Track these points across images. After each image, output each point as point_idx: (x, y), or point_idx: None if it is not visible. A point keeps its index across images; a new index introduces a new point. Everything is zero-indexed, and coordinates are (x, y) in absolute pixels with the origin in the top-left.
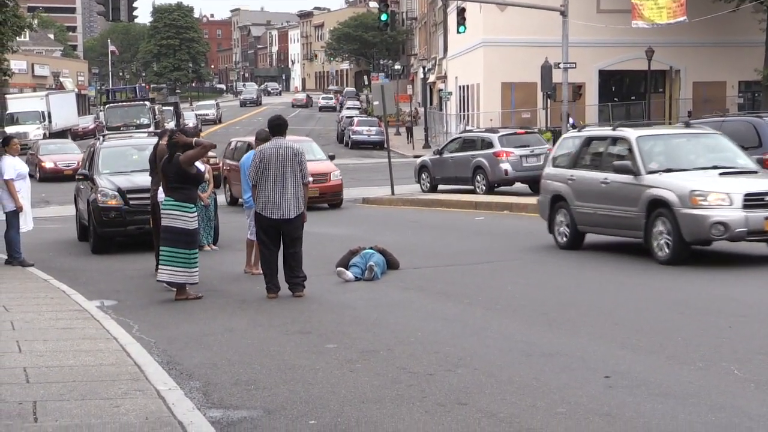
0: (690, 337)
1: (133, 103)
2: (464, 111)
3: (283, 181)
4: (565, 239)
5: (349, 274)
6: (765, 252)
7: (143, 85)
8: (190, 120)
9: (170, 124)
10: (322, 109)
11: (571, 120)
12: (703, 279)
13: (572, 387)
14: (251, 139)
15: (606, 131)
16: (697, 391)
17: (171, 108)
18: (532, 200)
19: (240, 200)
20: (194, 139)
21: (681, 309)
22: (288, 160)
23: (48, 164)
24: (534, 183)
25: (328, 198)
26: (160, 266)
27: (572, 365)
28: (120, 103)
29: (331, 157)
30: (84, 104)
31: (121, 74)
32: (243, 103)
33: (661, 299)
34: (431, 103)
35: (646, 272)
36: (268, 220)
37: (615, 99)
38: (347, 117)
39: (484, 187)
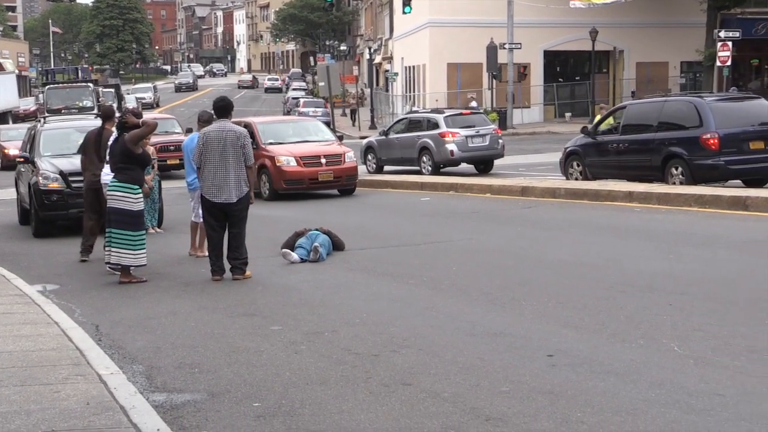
0: (632, 315)
1: (75, 84)
2: (410, 92)
3: (225, 165)
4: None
5: (295, 256)
6: (709, 227)
7: (86, 66)
8: (131, 103)
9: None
10: (267, 90)
11: (474, 103)
12: (643, 256)
13: (516, 366)
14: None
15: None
16: (638, 368)
17: (112, 90)
18: (478, 181)
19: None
20: (141, 119)
21: (623, 287)
22: (230, 143)
23: (12, 151)
24: (480, 163)
25: (344, 182)
26: (105, 248)
27: (516, 344)
28: (61, 85)
29: (340, 138)
30: (25, 86)
31: (63, 55)
32: (178, 88)
33: (604, 278)
34: (377, 84)
35: (598, 246)
36: (211, 203)
37: (560, 79)
38: (293, 98)
39: (430, 168)
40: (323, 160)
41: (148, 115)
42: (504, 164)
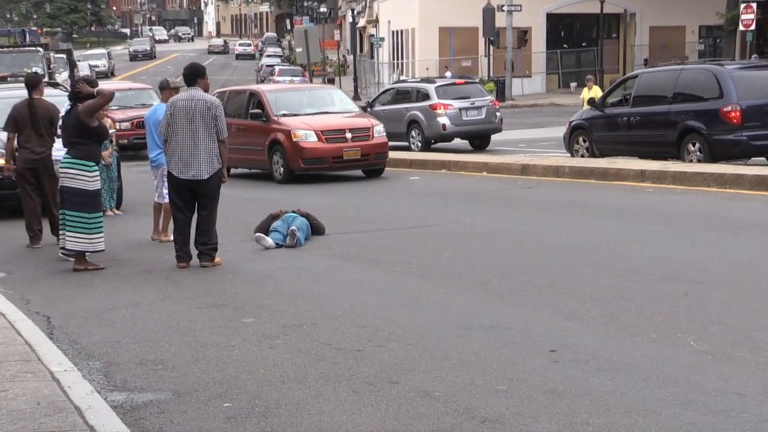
0: (643, 306)
1: (22, 49)
2: (398, 59)
3: (194, 138)
4: None
5: (269, 241)
6: (726, 209)
7: (34, 28)
8: (84, 71)
9: (62, 75)
10: (239, 56)
11: (449, 73)
12: (656, 241)
13: (514, 362)
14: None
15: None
16: (650, 365)
17: (63, 56)
18: (473, 158)
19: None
20: (96, 88)
21: (633, 276)
22: (200, 114)
23: None
24: (475, 139)
25: (372, 161)
26: (59, 232)
27: (514, 339)
28: (7, 49)
29: (364, 108)
30: None
31: (8, 16)
32: (133, 56)
33: (612, 265)
34: (361, 51)
35: (606, 230)
36: (179, 180)
37: (564, 45)
38: (267, 65)
39: (419, 144)
40: (348, 135)
41: (105, 85)
42: (502, 140)
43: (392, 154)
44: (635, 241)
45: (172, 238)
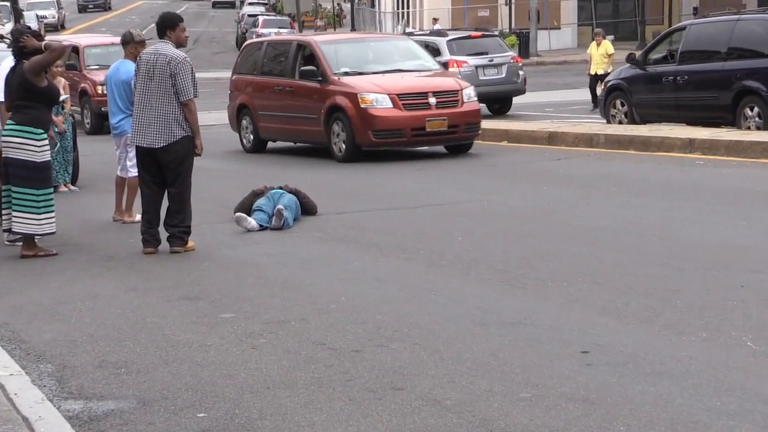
0: (691, 300)
1: None
2: (403, 8)
3: (150, 100)
4: None
5: (252, 222)
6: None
7: None
8: (32, 22)
9: (6, 27)
10: (216, 4)
11: (437, 26)
12: (708, 222)
13: (540, 365)
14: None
15: None
16: (699, 369)
17: (7, 4)
18: (492, 124)
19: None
20: (44, 42)
21: (680, 263)
22: (159, 71)
23: None
24: (494, 102)
25: (461, 134)
26: (4, 211)
27: (540, 337)
28: None
29: (445, 65)
30: None
31: None
32: (82, 8)
33: (655, 251)
34: None
35: (649, 210)
36: (138, 149)
37: None
38: (250, 15)
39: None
40: (432, 100)
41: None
42: (525, 103)
43: None
44: (682, 223)
45: (137, 218)
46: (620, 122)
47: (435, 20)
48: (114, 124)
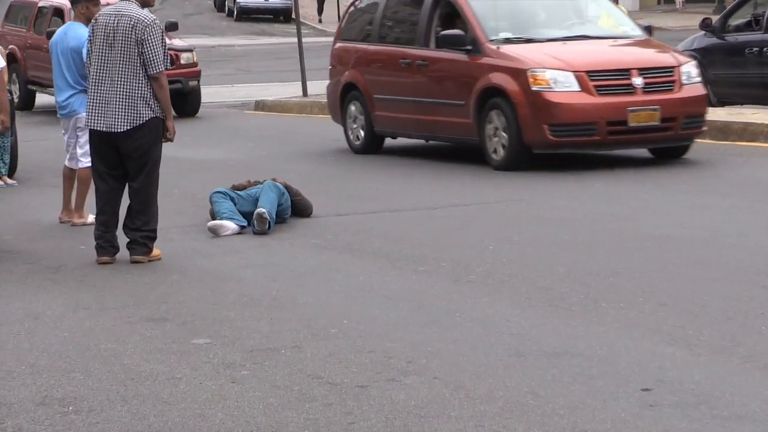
0: None
1: None
2: None
3: (111, 72)
4: None
5: (230, 226)
6: None
7: None
8: None
9: None
10: None
11: None
12: None
13: (590, 406)
14: None
15: None
16: None
17: None
18: None
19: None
20: None
21: (766, 280)
22: (122, 37)
23: None
24: None
25: (678, 131)
26: None
27: (590, 371)
28: None
29: (648, 29)
30: None
31: None
32: None
33: (736, 265)
34: None
35: (726, 214)
36: (94, 132)
37: None
38: None
39: None
40: (637, 81)
41: None
42: None
43: None
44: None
45: (90, 220)
46: None
47: None
48: (61, 102)
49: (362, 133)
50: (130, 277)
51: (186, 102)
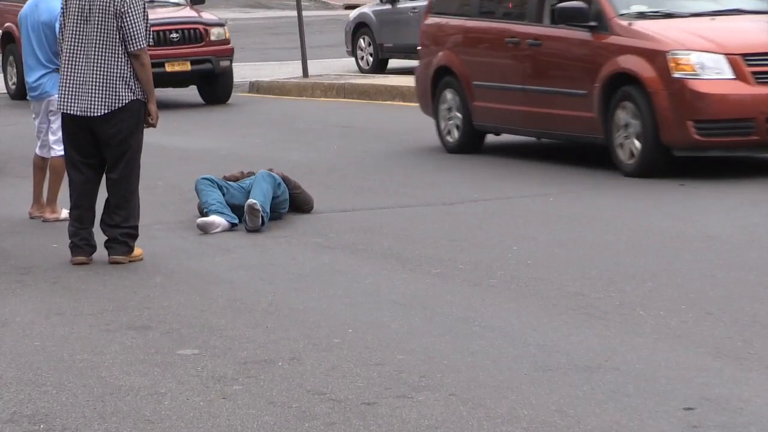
0: None
1: None
2: None
3: (86, 50)
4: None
5: (220, 222)
6: None
7: None
8: None
9: None
10: None
11: None
12: None
13: (627, 427)
14: None
15: None
16: None
17: None
18: None
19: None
20: None
21: None
22: (99, 11)
23: None
24: None
25: None
26: None
27: (626, 388)
28: None
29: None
30: None
31: None
32: None
33: None
34: None
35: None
36: (66, 116)
37: None
38: None
39: None
40: None
41: None
42: None
43: None
44: None
45: (63, 215)
46: None
47: None
48: (31, 83)
49: (458, 126)
50: (109, 280)
51: (216, 86)
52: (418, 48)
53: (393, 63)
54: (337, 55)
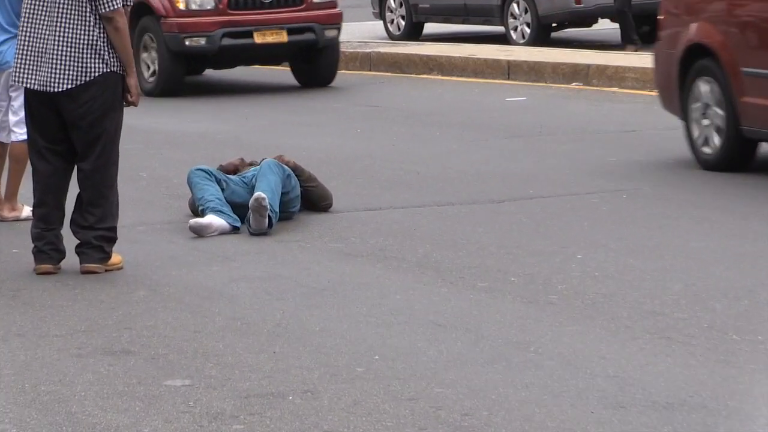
0: None
1: None
2: None
3: (45, 11)
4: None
5: (218, 223)
6: None
7: None
8: None
9: None
10: None
11: None
12: None
13: None
14: None
15: None
16: None
17: None
18: (635, 60)
19: None
20: None
21: None
22: None
23: None
24: (645, 22)
25: None
26: None
27: (717, 429)
28: None
29: None
30: None
31: None
32: None
33: None
34: None
35: None
36: (30, 93)
37: None
38: None
39: (526, 30)
40: None
41: None
42: None
43: (471, 50)
44: None
45: (25, 213)
46: None
47: None
48: None
49: (720, 132)
50: (81, 294)
51: (317, 62)
52: (659, 17)
53: (429, 28)
54: (361, 17)
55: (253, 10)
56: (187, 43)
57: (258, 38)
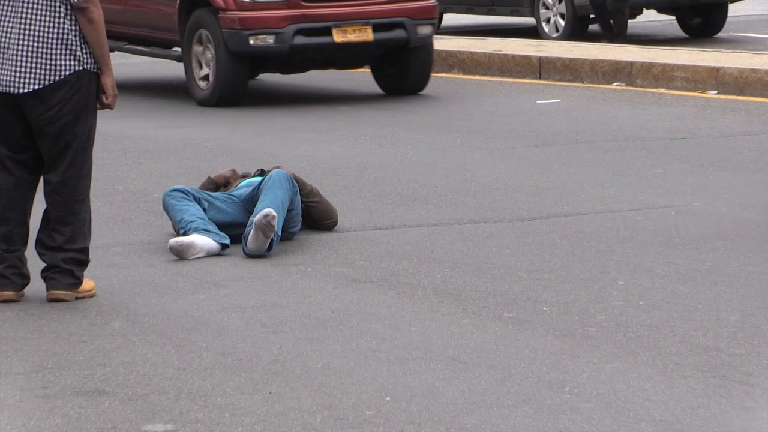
0: None
1: None
2: None
3: (7, 3)
4: None
5: (204, 243)
6: None
7: None
8: None
9: None
10: None
11: None
12: None
13: None
14: None
15: None
16: None
17: None
18: (686, 57)
19: None
20: None
21: None
22: None
23: None
24: (691, 14)
25: None
26: None
27: None
28: None
29: None
30: None
31: None
32: None
33: None
34: None
35: None
36: None
37: None
38: None
39: (560, 22)
40: None
41: None
42: (746, 18)
43: (498, 44)
44: None
45: None
46: None
47: None
48: None
49: None
50: (47, 324)
51: (408, 65)
52: None
53: (448, 19)
54: None
55: (332, 1)
56: (251, 42)
57: (337, 36)
